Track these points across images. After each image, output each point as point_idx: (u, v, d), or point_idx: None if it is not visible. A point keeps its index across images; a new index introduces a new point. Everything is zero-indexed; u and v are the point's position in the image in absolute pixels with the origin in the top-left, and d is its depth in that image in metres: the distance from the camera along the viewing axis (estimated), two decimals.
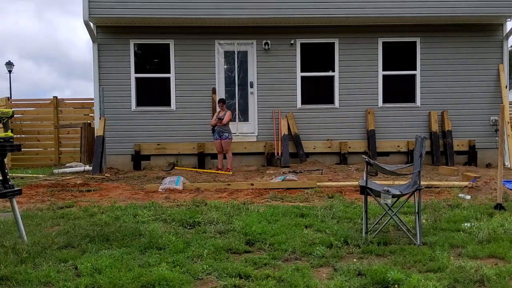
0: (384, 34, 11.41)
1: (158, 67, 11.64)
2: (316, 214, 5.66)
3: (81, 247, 4.36)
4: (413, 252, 4.13)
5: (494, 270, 3.62)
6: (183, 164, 11.22)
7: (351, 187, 7.83)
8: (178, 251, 4.18)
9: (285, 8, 10.71)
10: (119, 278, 3.48)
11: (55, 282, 3.48)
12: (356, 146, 11.33)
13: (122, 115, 11.23)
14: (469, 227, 4.94)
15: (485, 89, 11.51)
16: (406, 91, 11.67)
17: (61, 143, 13.59)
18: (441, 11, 10.84)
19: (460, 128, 11.41)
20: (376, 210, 5.73)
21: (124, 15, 10.67)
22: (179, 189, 7.85)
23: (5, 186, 4.40)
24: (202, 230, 4.99)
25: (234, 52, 11.47)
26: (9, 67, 29.77)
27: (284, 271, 3.67)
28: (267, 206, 6.36)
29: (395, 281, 3.38)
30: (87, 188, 8.19)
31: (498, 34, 11.48)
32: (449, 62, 11.47)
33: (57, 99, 13.49)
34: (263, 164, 11.20)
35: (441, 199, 6.75)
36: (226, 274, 3.64)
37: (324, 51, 11.55)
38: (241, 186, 8.00)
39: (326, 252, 4.18)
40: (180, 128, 11.30)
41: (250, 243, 4.51)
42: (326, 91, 11.62)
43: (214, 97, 11.23)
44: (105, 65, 11.19)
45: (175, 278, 3.46)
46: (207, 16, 10.74)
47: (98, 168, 10.31)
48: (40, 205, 6.70)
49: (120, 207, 6.26)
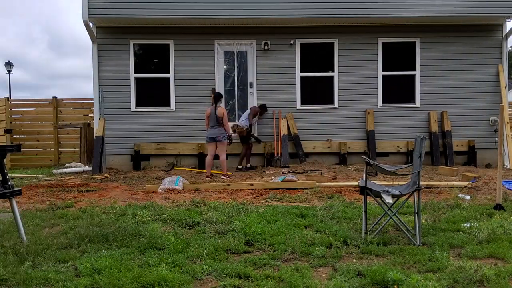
0: (384, 34, 11.42)
1: (157, 67, 11.64)
2: (316, 214, 5.66)
3: (81, 247, 4.35)
4: (413, 252, 4.13)
5: (493, 270, 3.63)
6: (183, 164, 11.22)
7: (351, 187, 7.83)
8: (177, 251, 4.18)
9: (285, 8, 10.71)
10: (118, 278, 3.48)
11: (54, 282, 3.48)
12: (355, 146, 11.33)
13: (121, 115, 11.23)
14: (468, 227, 4.94)
15: (484, 89, 11.52)
16: (405, 91, 11.67)
17: (61, 143, 13.59)
18: (441, 12, 10.84)
19: (460, 128, 11.42)
20: (376, 210, 5.74)
21: (123, 15, 10.67)
22: (178, 189, 7.85)
23: (4, 186, 4.40)
24: (201, 230, 4.99)
25: (233, 52, 11.47)
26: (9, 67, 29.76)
27: (284, 271, 3.67)
28: (267, 206, 6.36)
29: (395, 281, 3.38)
30: (86, 188, 8.19)
31: (497, 35, 11.49)
32: (449, 62, 11.48)
33: (57, 99, 13.49)
34: (262, 164, 11.21)
35: (441, 199, 6.75)
36: (226, 274, 3.64)
37: (324, 51, 11.55)
38: (241, 186, 8.00)
39: (325, 252, 4.18)
40: (179, 128, 11.30)
41: (250, 243, 4.51)
42: (326, 91, 11.62)
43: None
44: (105, 65, 11.19)
45: (174, 278, 3.46)
46: (207, 16, 10.75)
47: (97, 169, 10.31)
48: (40, 205, 6.69)
49: (119, 207, 6.25)
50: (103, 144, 10.67)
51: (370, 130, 11.21)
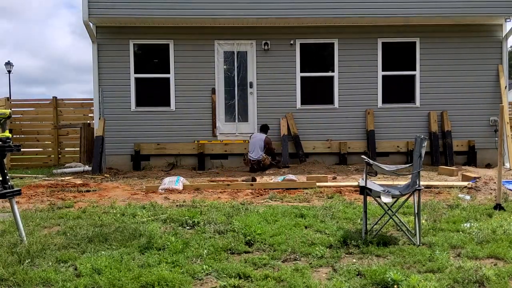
0: (384, 34, 11.42)
1: (157, 67, 11.64)
2: (316, 214, 5.66)
3: (81, 247, 4.35)
4: (413, 253, 4.12)
5: (493, 270, 3.62)
6: (183, 164, 11.21)
7: (351, 187, 7.83)
8: (177, 251, 4.18)
9: (285, 8, 10.71)
10: (118, 278, 3.48)
11: (54, 283, 3.48)
12: (355, 146, 11.33)
13: (121, 115, 11.23)
14: (468, 227, 4.94)
15: (484, 89, 11.52)
16: (405, 91, 11.68)
17: (61, 143, 13.58)
18: (440, 12, 10.85)
19: (460, 128, 11.42)
20: (376, 210, 5.74)
21: (123, 15, 10.67)
22: (178, 189, 7.85)
23: (4, 186, 4.39)
24: (201, 230, 4.98)
25: (233, 52, 11.47)
26: (9, 67, 29.76)
27: (284, 272, 3.67)
28: (267, 206, 6.36)
29: (395, 282, 3.38)
30: (86, 188, 8.19)
31: (497, 35, 11.49)
32: (449, 62, 11.47)
33: (57, 99, 13.48)
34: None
35: (441, 200, 6.75)
36: (226, 274, 3.64)
37: (324, 51, 11.56)
38: (241, 186, 8.00)
39: (325, 252, 4.18)
40: (179, 128, 11.30)
41: (250, 243, 4.50)
42: (326, 91, 11.62)
43: (213, 97, 11.24)
44: (105, 65, 11.19)
45: (174, 278, 3.46)
46: (207, 16, 10.75)
47: (97, 168, 10.31)
48: (40, 205, 6.69)
49: (119, 207, 6.25)
50: (103, 144, 10.67)
51: (370, 130, 11.21)
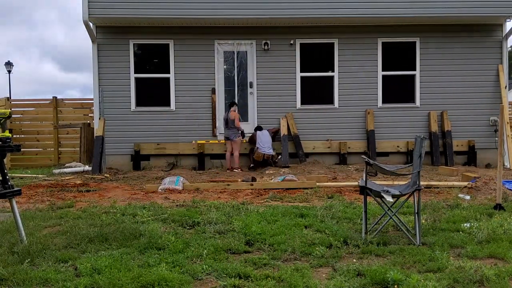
0: (384, 34, 11.42)
1: (157, 67, 11.64)
2: (316, 214, 5.66)
3: (81, 247, 4.35)
4: (413, 252, 4.13)
5: (493, 270, 3.63)
6: (183, 164, 11.21)
7: (351, 187, 7.83)
8: (177, 251, 4.18)
9: (285, 8, 10.71)
10: (118, 278, 3.48)
11: (54, 282, 3.48)
12: (355, 146, 11.33)
13: (121, 115, 11.22)
14: (468, 227, 4.94)
15: (484, 89, 11.52)
16: (405, 91, 11.67)
17: (61, 143, 13.58)
18: (441, 12, 10.84)
19: (460, 128, 11.42)
20: (376, 210, 5.74)
21: (123, 15, 10.66)
22: (178, 189, 7.85)
23: (4, 186, 4.39)
24: (201, 230, 4.98)
25: (233, 52, 11.47)
26: (9, 67, 29.75)
27: (284, 271, 3.67)
28: (267, 206, 6.36)
29: (395, 281, 3.38)
30: (86, 188, 8.19)
31: (497, 35, 11.49)
32: (449, 62, 11.47)
33: (57, 99, 13.49)
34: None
35: (441, 199, 6.75)
36: (226, 274, 3.64)
37: (324, 51, 11.55)
38: (241, 186, 8.00)
39: (325, 252, 4.18)
40: (179, 128, 11.30)
41: (250, 243, 4.50)
42: (326, 91, 11.62)
43: (213, 97, 11.24)
44: (105, 65, 11.19)
45: (174, 278, 3.46)
46: (207, 16, 10.74)
47: (97, 168, 10.31)
48: (40, 205, 6.69)
49: (119, 207, 6.25)
50: (103, 144, 10.66)
51: (370, 130, 11.21)
